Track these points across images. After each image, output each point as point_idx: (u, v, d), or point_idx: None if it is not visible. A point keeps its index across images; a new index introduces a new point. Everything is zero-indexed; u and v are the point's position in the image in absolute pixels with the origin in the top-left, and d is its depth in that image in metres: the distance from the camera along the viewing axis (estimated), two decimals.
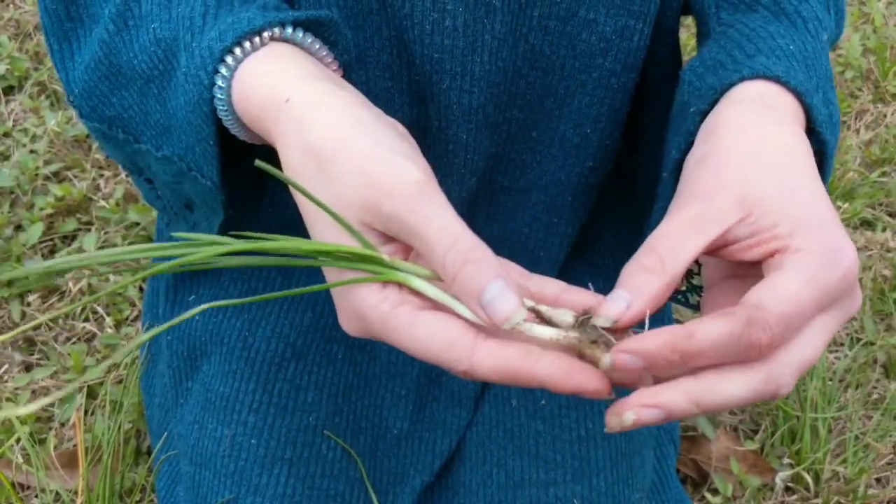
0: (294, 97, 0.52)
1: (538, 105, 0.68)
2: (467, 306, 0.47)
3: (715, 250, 0.50)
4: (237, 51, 0.55)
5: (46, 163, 1.39)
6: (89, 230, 1.31)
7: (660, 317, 0.89)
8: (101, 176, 1.39)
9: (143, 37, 0.60)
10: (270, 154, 0.54)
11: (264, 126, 0.53)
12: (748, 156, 0.51)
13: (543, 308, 0.50)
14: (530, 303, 0.49)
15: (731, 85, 0.57)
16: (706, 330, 0.45)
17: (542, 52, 0.66)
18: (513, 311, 0.46)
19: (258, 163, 0.47)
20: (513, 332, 0.47)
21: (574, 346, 0.48)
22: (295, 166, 0.51)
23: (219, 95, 0.55)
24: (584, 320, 0.48)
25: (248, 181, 0.66)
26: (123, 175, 1.39)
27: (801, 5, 0.63)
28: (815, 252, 0.47)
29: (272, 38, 0.56)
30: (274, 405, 0.77)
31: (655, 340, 0.45)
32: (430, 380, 0.80)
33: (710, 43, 0.63)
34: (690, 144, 0.56)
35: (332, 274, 0.51)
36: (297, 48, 0.57)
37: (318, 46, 0.58)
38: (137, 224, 1.31)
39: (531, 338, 0.48)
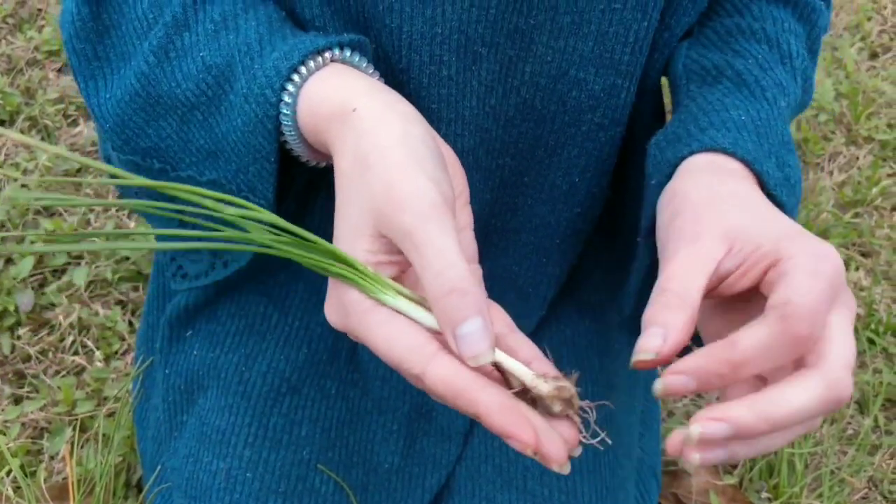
0: (360, 107, 0.56)
1: (530, 154, 0.71)
2: (443, 332, 0.49)
3: (713, 290, 0.54)
4: (303, 69, 0.59)
5: (37, 198, 1.40)
6: (79, 264, 1.32)
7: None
8: (92, 210, 1.41)
9: (188, 66, 0.63)
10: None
11: (329, 136, 0.57)
12: (716, 201, 0.56)
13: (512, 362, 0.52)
14: (501, 355, 0.51)
15: (683, 158, 0.62)
16: (748, 336, 0.47)
17: (533, 106, 0.69)
18: (482, 351, 0.48)
19: None
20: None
21: (529, 382, 0.50)
22: (345, 169, 0.55)
23: (285, 111, 0.58)
24: (538, 375, 0.51)
25: (298, 196, 0.69)
26: (114, 210, 1.41)
27: (762, 74, 0.68)
28: (805, 253, 0.51)
29: (332, 60, 0.60)
30: (269, 439, 0.79)
31: (700, 356, 0.47)
32: (420, 415, 0.82)
33: (674, 116, 0.68)
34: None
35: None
36: (352, 68, 0.61)
37: (364, 65, 0.63)
38: (127, 258, 1.33)
39: (502, 367, 0.50)
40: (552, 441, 0.49)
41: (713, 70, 0.69)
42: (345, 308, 0.53)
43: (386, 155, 0.53)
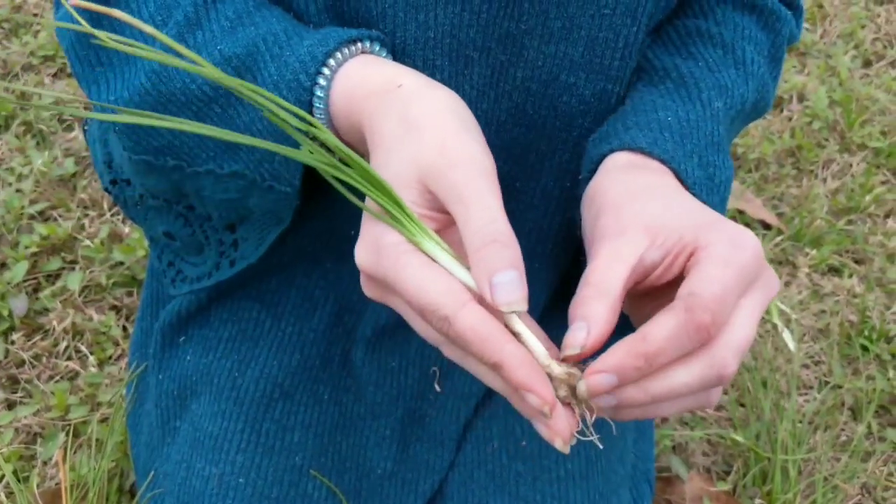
0: (406, 83, 0.57)
1: (521, 158, 0.72)
2: (476, 280, 0.50)
3: (641, 284, 0.55)
4: (338, 55, 0.60)
5: (32, 202, 1.40)
6: (73, 269, 1.33)
7: None
8: (86, 215, 1.41)
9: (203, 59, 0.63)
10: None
11: (366, 113, 0.57)
12: (634, 196, 0.58)
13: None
14: (524, 328, 0.52)
15: (605, 156, 0.64)
16: (656, 328, 0.49)
17: (524, 111, 0.69)
18: (517, 299, 0.49)
19: None
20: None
21: (542, 360, 0.51)
22: (385, 132, 0.56)
23: (319, 94, 0.59)
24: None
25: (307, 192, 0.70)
26: (108, 215, 1.41)
27: (706, 75, 0.70)
28: (721, 241, 0.53)
29: (362, 51, 0.61)
30: (261, 445, 0.79)
31: (617, 353, 0.49)
32: (413, 420, 0.82)
33: (614, 113, 0.70)
34: None
35: (371, 203, 0.55)
36: (381, 58, 0.62)
37: (391, 60, 0.64)
38: (122, 263, 1.33)
39: (522, 338, 0.51)
40: (561, 416, 0.50)
41: (661, 70, 0.71)
42: (380, 249, 0.53)
43: (439, 119, 0.54)
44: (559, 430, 0.50)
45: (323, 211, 0.74)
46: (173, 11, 0.65)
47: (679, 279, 0.54)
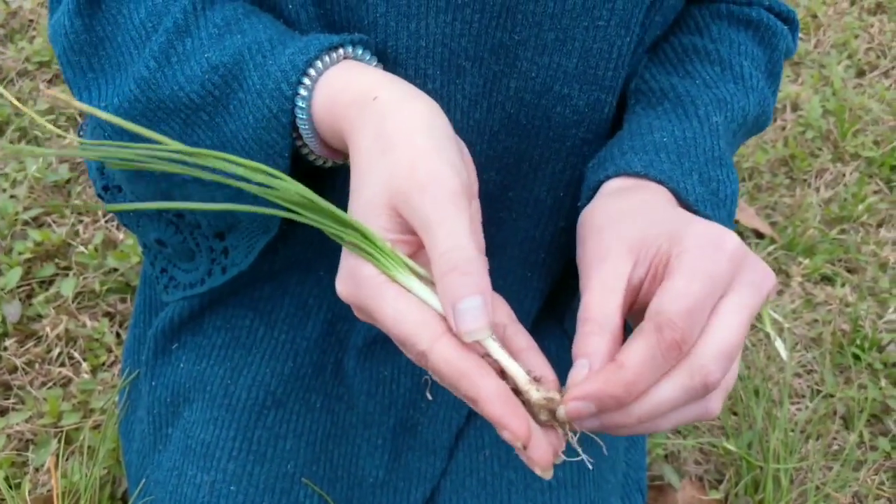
0: (382, 96, 0.57)
1: (514, 168, 0.72)
2: (443, 308, 0.51)
3: (634, 302, 0.56)
4: (319, 64, 0.60)
5: (26, 208, 1.40)
6: (67, 275, 1.32)
7: None
8: (81, 222, 1.41)
9: (191, 68, 0.63)
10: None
11: (347, 121, 0.58)
12: (618, 218, 0.58)
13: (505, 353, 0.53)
14: (501, 353, 0.53)
15: (601, 183, 0.65)
16: (630, 353, 0.50)
17: (518, 121, 0.69)
18: (479, 327, 0.49)
19: None
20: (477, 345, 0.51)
21: (522, 385, 0.52)
22: (363, 147, 0.56)
23: (300, 104, 0.59)
24: (535, 379, 0.53)
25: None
26: (103, 221, 1.41)
27: (702, 91, 0.70)
28: (692, 247, 0.53)
29: (344, 57, 0.61)
30: (253, 452, 0.79)
31: (596, 381, 0.50)
32: (405, 429, 0.83)
33: (612, 138, 0.70)
34: None
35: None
36: (365, 64, 0.62)
37: (375, 64, 0.64)
38: (116, 270, 1.33)
39: (491, 357, 0.52)
40: (539, 445, 0.50)
41: (658, 92, 0.72)
42: (357, 281, 0.54)
43: (411, 137, 0.54)
44: (536, 459, 0.50)
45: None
46: (163, 18, 0.65)
47: None
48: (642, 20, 0.68)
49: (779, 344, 0.58)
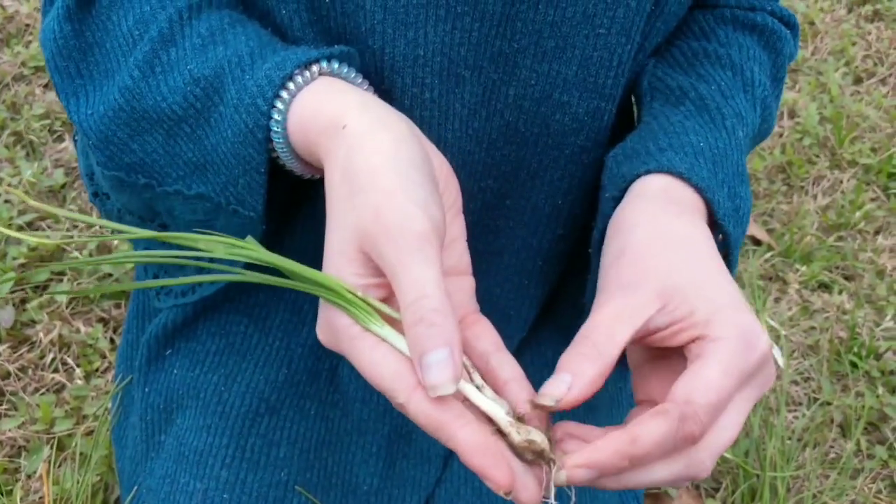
0: (350, 124, 0.56)
1: (512, 176, 0.71)
2: (412, 359, 0.50)
3: (640, 339, 0.55)
4: (298, 79, 0.59)
5: (20, 213, 1.40)
6: (61, 281, 1.32)
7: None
8: (75, 227, 1.40)
9: (174, 79, 0.63)
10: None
11: (320, 150, 0.57)
12: (660, 249, 0.57)
13: (488, 392, 0.53)
14: (479, 381, 0.53)
15: (639, 176, 0.63)
16: (647, 433, 0.49)
17: (516, 129, 0.69)
18: (443, 382, 0.49)
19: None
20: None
21: (504, 427, 0.52)
22: (334, 183, 0.55)
23: (276, 118, 0.58)
24: (518, 418, 0.52)
25: (278, 215, 0.70)
26: (98, 227, 1.40)
27: (723, 101, 0.69)
28: (731, 338, 0.52)
29: (321, 73, 0.60)
30: (247, 460, 0.78)
31: (605, 451, 0.49)
32: (400, 437, 0.82)
33: (635, 131, 0.69)
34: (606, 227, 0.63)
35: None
36: (342, 80, 0.61)
37: (353, 76, 0.62)
38: (110, 275, 1.32)
39: (470, 401, 0.52)
40: (526, 486, 0.50)
41: (677, 90, 0.70)
42: (335, 331, 0.54)
43: (375, 178, 0.53)
44: (525, 500, 0.50)
45: (309, 227, 0.74)
46: (150, 26, 0.64)
47: (678, 349, 0.54)
48: (643, 28, 0.67)
49: (776, 351, 0.58)
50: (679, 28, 0.75)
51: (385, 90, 0.66)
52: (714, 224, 0.63)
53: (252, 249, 0.56)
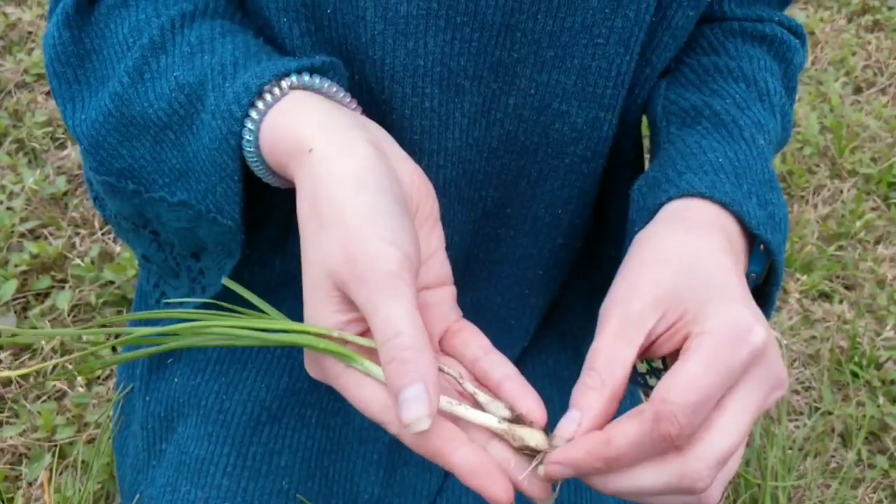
0: (316, 147, 0.55)
1: (513, 185, 0.72)
2: (390, 396, 0.51)
3: (647, 352, 0.55)
4: (268, 96, 0.58)
5: (23, 220, 1.40)
6: (63, 288, 1.32)
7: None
8: (77, 234, 1.41)
9: (161, 86, 0.63)
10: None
11: (290, 171, 0.57)
12: (657, 261, 0.56)
13: (481, 397, 0.54)
14: (471, 388, 0.53)
15: (662, 205, 0.62)
16: (621, 433, 0.49)
17: (516, 138, 0.69)
18: (417, 418, 0.48)
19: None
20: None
21: (497, 432, 0.52)
22: (304, 212, 0.55)
23: (250, 126, 0.58)
24: (514, 418, 0.53)
25: (281, 219, 0.70)
26: (99, 234, 1.40)
27: (739, 114, 0.69)
28: (715, 332, 0.51)
29: (292, 87, 0.59)
30: (248, 468, 0.78)
31: (579, 451, 0.50)
32: (401, 445, 0.81)
33: (655, 160, 0.69)
34: None
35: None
36: (318, 94, 0.61)
37: (334, 90, 0.62)
38: (112, 283, 1.32)
39: (462, 419, 0.52)
40: (532, 485, 0.51)
41: (691, 111, 0.70)
42: (320, 368, 0.54)
43: (340, 214, 0.52)
44: (534, 494, 0.51)
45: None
46: (143, 34, 0.65)
47: (678, 353, 0.53)
48: (643, 39, 0.67)
49: None
50: (688, 44, 0.75)
51: (385, 100, 0.66)
52: (750, 235, 0.62)
53: (221, 316, 0.57)
